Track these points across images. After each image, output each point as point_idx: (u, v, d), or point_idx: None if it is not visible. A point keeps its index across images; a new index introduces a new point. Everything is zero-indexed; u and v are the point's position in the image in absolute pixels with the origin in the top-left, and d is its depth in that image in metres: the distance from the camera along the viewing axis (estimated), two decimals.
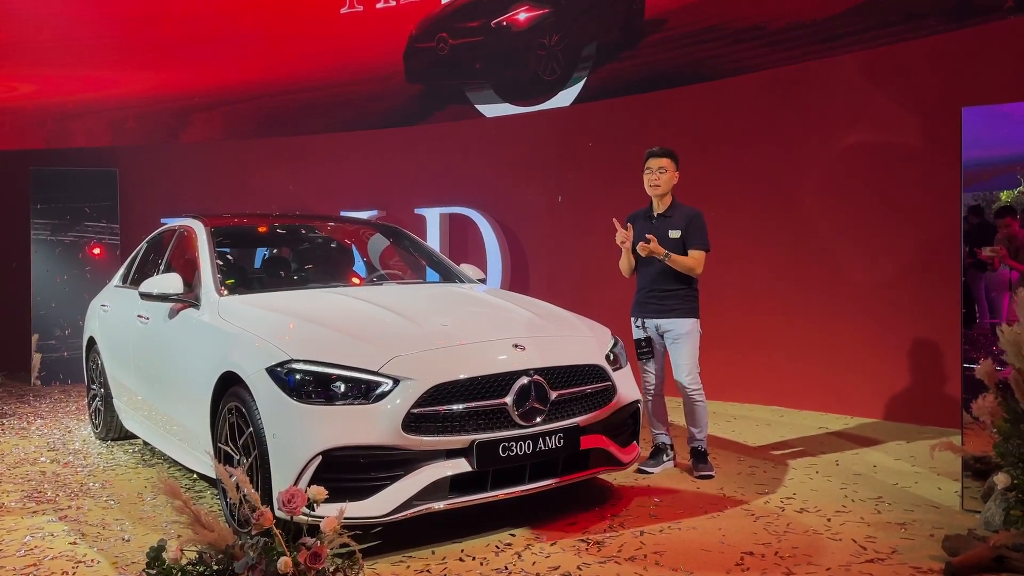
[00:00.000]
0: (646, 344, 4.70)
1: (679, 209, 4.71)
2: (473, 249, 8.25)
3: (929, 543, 3.52)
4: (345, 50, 9.42)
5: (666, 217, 4.70)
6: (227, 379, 3.75)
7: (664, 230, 4.65)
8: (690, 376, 4.61)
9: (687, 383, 4.62)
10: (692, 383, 4.62)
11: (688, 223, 4.63)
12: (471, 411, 3.48)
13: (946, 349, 5.75)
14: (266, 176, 9.41)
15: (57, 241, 8.74)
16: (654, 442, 4.82)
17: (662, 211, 4.72)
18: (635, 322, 4.78)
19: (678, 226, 4.64)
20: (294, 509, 2.81)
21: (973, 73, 5.75)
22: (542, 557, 3.43)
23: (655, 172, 4.66)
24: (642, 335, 4.73)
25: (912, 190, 6.02)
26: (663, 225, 4.68)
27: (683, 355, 4.61)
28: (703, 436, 4.70)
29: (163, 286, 4.38)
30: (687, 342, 4.60)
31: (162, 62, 9.96)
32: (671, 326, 4.62)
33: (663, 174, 4.65)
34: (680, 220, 4.66)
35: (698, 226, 4.64)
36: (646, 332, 4.72)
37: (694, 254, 4.60)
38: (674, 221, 4.67)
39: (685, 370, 4.61)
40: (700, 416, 4.67)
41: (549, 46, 8.28)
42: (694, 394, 4.64)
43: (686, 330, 4.61)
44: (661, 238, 4.61)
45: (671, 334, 4.64)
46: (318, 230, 5.69)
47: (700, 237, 4.63)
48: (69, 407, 7.31)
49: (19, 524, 4.00)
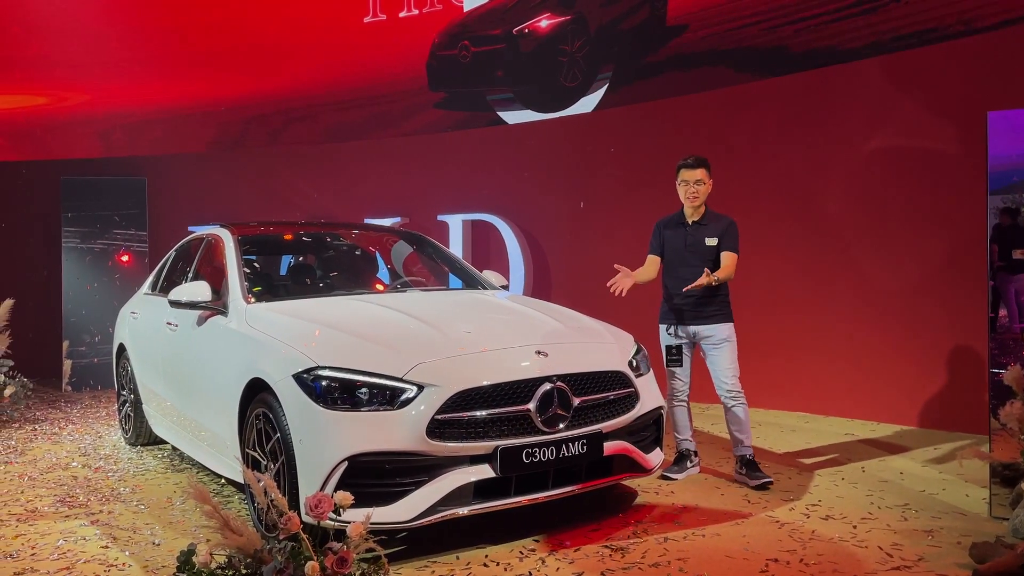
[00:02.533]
0: (677, 351, 4.66)
1: (714, 217, 4.70)
2: (496, 256, 8.28)
3: (956, 550, 3.49)
4: (368, 59, 9.51)
5: (702, 225, 4.67)
6: (254, 386, 3.80)
7: (700, 237, 4.65)
8: (732, 381, 4.57)
9: (730, 388, 4.57)
10: (734, 387, 4.58)
11: (725, 231, 4.63)
12: (494, 417, 3.51)
13: (973, 354, 5.69)
14: (291, 184, 9.52)
15: (87, 249, 8.88)
16: (678, 448, 4.80)
17: (697, 219, 4.69)
18: (667, 329, 4.73)
19: (715, 234, 4.63)
20: (321, 514, 2.85)
21: (998, 77, 5.70)
22: (566, 563, 3.44)
23: (692, 185, 4.62)
24: (675, 342, 4.68)
25: (938, 194, 5.98)
26: (699, 232, 4.66)
27: (725, 360, 4.57)
28: (750, 443, 4.63)
29: (192, 294, 4.45)
30: (728, 347, 4.58)
31: (189, 73, 10.10)
32: (710, 331, 4.59)
33: (700, 186, 4.62)
34: (716, 228, 4.64)
35: (733, 233, 4.65)
36: (679, 339, 4.68)
37: (727, 256, 4.59)
38: (710, 229, 4.65)
39: (728, 375, 4.57)
40: (745, 422, 4.61)
41: (571, 53, 8.31)
42: (737, 399, 4.58)
43: (725, 335, 4.59)
44: (697, 245, 4.62)
45: (711, 340, 4.60)
46: (342, 237, 5.75)
47: (734, 241, 4.63)
48: (99, 413, 7.43)
49: (52, 528, 4.08)
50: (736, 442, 4.63)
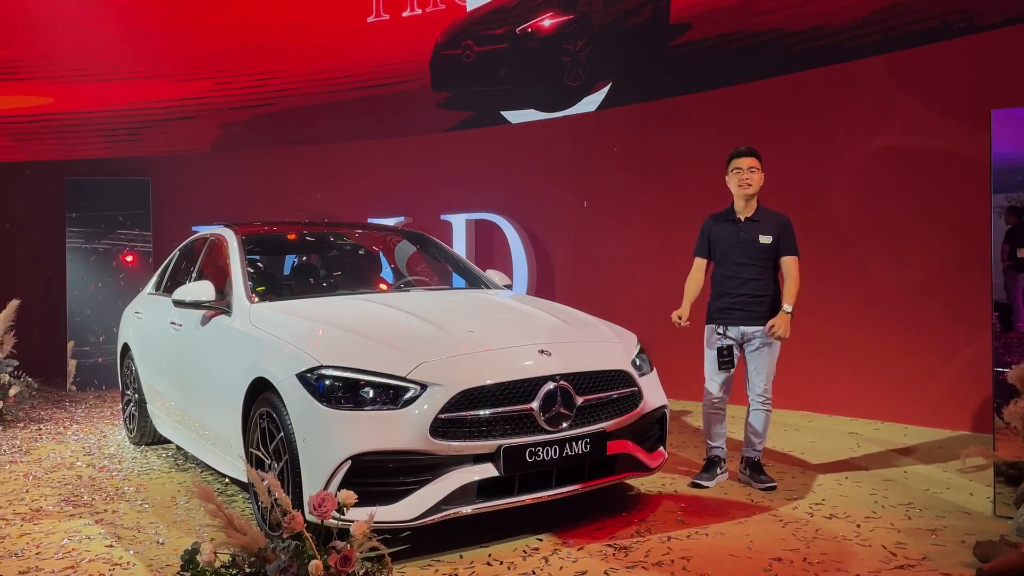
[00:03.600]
0: (729, 352, 4.45)
1: (767, 213, 4.55)
2: (499, 255, 8.29)
3: (960, 549, 3.48)
4: (372, 58, 9.52)
5: (754, 221, 4.51)
6: (258, 385, 3.81)
7: (754, 234, 4.48)
8: (767, 385, 4.47)
9: (763, 391, 4.47)
10: (767, 392, 4.48)
11: (782, 230, 4.49)
12: (498, 416, 3.51)
13: (978, 353, 5.67)
14: (295, 184, 9.53)
15: (91, 249, 8.91)
16: (708, 455, 4.65)
17: (750, 215, 4.53)
18: (716, 329, 4.53)
19: (769, 231, 4.48)
20: (324, 513, 2.85)
21: (1003, 75, 5.69)
22: (569, 562, 3.44)
23: (745, 172, 4.46)
24: (726, 343, 4.47)
25: (941, 193, 5.97)
26: (752, 229, 4.50)
27: (766, 362, 4.45)
28: (761, 448, 4.56)
29: (195, 293, 4.46)
30: (772, 350, 4.45)
31: (193, 73, 10.12)
32: (759, 332, 4.45)
33: (753, 173, 4.47)
34: (771, 226, 4.49)
35: (791, 233, 4.52)
36: (729, 340, 4.48)
37: (790, 261, 4.48)
38: (764, 226, 4.49)
39: (765, 379, 4.46)
40: (766, 427, 4.53)
41: (574, 52, 8.31)
42: (766, 405, 4.49)
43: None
44: (751, 242, 4.47)
45: (756, 341, 4.45)
46: (346, 237, 5.75)
47: (793, 242, 4.52)
48: (104, 412, 7.44)
49: (57, 527, 4.09)
50: (748, 443, 4.56)
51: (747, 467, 4.57)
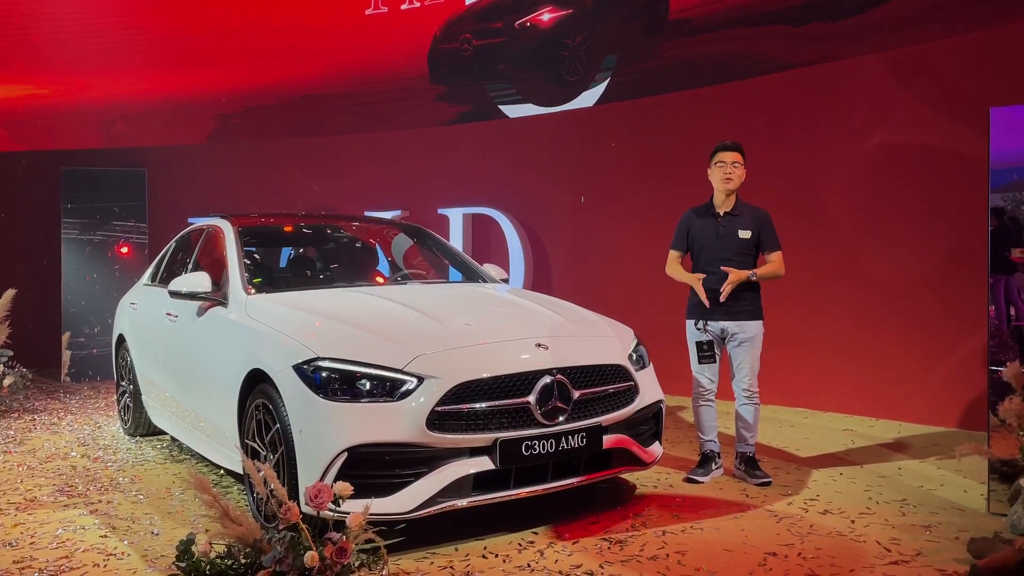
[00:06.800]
0: (709, 347, 4.50)
1: (746, 208, 4.55)
2: (496, 249, 8.29)
3: (954, 546, 3.49)
4: (370, 51, 9.49)
5: (733, 216, 4.52)
6: (254, 376, 3.80)
7: (733, 229, 4.49)
8: (752, 380, 4.48)
9: (748, 386, 4.48)
10: (753, 386, 4.49)
11: (761, 225, 4.50)
12: (494, 410, 3.51)
13: (972, 351, 5.70)
14: (292, 176, 9.51)
15: (87, 240, 8.88)
16: (702, 450, 4.65)
17: (729, 209, 4.53)
18: (695, 324, 4.53)
19: (747, 226, 4.48)
20: (320, 505, 2.85)
21: (1002, 73, 5.69)
22: (564, 555, 3.45)
23: (728, 166, 4.46)
24: (705, 338, 4.50)
25: (939, 191, 5.97)
26: (731, 224, 4.50)
27: (748, 358, 4.46)
28: (754, 442, 4.57)
29: (192, 284, 4.45)
30: (754, 345, 4.46)
31: (190, 64, 10.09)
32: (739, 328, 4.45)
33: (736, 168, 4.47)
34: (749, 220, 4.50)
35: (771, 228, 4.51)
36: (709, 335, 4.52)
37: (774, 256, 4.49)
38: (743, 220, 4.50)
39: (749, 373, 4.47)
40: (755, 421, 4.54)
41: (573, 47, 8.30)
42: (752, 399, 4.51)
43: (753, 333, 4.46)
44: (730, 237, 4.47)
45: (738, 337, 4.46)
46: (343, 230, 5.75)
47: (775, 238, 4.51)
48: (98, 403, 7.43)
49: (51, 517, 4.08)
50: (741, 438, 4.58)
51: (742, 462, 4.58)
